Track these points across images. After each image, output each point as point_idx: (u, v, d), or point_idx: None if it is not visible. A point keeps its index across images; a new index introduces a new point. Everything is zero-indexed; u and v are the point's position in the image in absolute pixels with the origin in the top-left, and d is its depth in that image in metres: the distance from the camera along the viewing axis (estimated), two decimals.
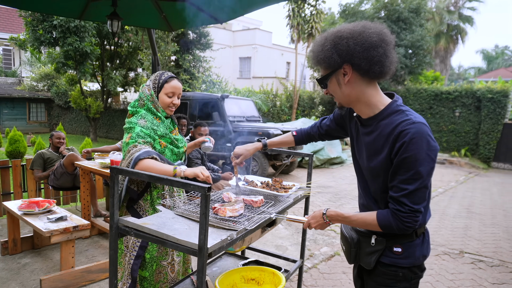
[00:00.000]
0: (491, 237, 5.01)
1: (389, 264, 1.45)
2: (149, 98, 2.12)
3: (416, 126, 1.28)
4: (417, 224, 1.33)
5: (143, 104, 2.13)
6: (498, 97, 12.57)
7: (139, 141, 1.97)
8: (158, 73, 2.18)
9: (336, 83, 1.41)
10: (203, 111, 8.49)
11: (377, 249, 1.47)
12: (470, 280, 3.62)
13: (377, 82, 1.42)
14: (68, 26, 11.10)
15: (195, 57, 13.71)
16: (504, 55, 36.07)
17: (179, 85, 2.17)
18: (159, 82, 2.13)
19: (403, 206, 1.30)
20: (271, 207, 1.89)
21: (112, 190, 1.50)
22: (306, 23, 15.37)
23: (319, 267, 3.75)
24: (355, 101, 1.42)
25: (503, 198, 7.73)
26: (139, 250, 2.09)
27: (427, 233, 1.50)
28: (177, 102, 2.17)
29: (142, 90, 2.16)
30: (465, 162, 12.58)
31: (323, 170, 9.93)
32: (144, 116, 2.09)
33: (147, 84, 2.17)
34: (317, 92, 17.24)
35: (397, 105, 1.38)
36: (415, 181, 1.29)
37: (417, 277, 1.46)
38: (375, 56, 1.30)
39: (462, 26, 24.80)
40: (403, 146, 1.28)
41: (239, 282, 2.00)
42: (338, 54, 1.33)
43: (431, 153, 1.28)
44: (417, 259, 1.43)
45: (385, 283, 1.46)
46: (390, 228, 1.35)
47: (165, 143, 2.11)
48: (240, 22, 30.62)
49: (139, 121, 2.05)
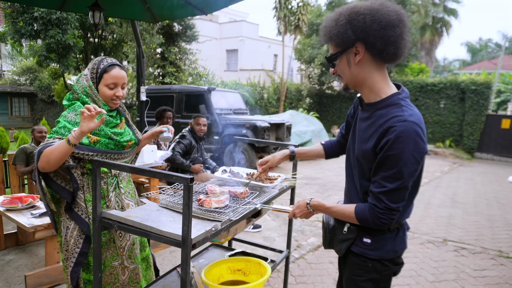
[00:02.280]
0: (474, 225, 5.14)
1: (358, 254, 1.46)
2: (87, 90, 1.84)
3: (405, 125, 1.23)
4: (393, 222, 1.33)
5: (78, 98, 1.85)
6: (482, 89, 12.81)
7: (55, 137, 1.73)
8: (96, 61, 1.86)
9: (346, 63, 1.35)
10: (189, 104, 8.42)
11: (349, 238, 1.48)
12: (453, 267, 3.70)
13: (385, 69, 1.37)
14: (49, 18, 10.81)
15: (181, 50, 13.55)
16: (488, 48, 36.66)
17: (122, 73, 1.85)
18: (97, 71, 1.83)
19: (380, 203, 1.30)
20: (256, 198, 1.89)
21: (94, 182, 1.48)
22: (293, 15, 15.34)
23: (306, 257, 3.78)
24: (360, 84, 1.37)
25: (486, 188, 7.92)
26: (78, 257, 1.86)
27: (402, 230, 1.47)
28: (121, 94, 1.87)
29: (79, 81, 1.87)
30: (450, 153, 12.82)
31: (311, 162, 9.99)
32: (76, 109, 1.81)
33: (84, 73, 1.87)
34: (305, 85, 17.29)
35: (398, 98, 1.32)
36: (396, 180, 1.26)
37: (388, 269, 1.44)
38: (391, 36, 1.24)
39: (447, 18, 25.05)
40: (388, 143, 1.25)
41: (226, 273, 2.01)
42: (352, 30, 1.26)
43: (417, 154, 1.24)
44: (387, 252, 1.42)
45: (356, 273, 1.48)
46: (366, 221, 1.35)
47: (98, 137, 1.81)
48: (227, 14, 30.35)
49: (68, 114, 1.80)
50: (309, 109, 16.05)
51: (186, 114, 8.37)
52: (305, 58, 17.08)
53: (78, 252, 1.86)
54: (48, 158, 1.66)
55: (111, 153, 1.86)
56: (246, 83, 16.38)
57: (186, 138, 4.49)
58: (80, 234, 1.87)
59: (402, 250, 1.46)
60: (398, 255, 1.46)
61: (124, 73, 1.87)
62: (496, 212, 5.88)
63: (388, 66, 1.38)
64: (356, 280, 1.48)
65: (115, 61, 1.88)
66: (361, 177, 1.43)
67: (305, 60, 17.16)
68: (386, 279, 1.46)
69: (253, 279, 1.95)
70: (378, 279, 1.44)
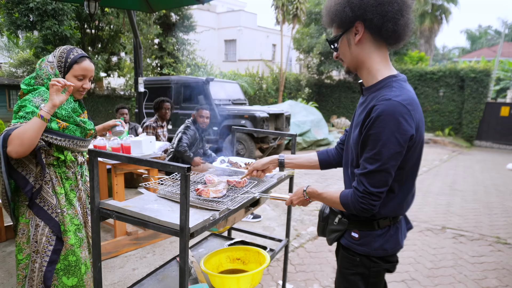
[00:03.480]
0: (472, 213, 5.17)
1: (347, 248, 1.43)
2: (51, 78, 1.79)
3: (389, 103, 1.19)
4: (375, 209, 1.27)
5: (42, 83, 1.81)
6: (481, 77, 12.76)
7: (22, 122, 1.67)
8: (64, 50, 1.83)
9: (346, 44, 1.34)
10: (188, 95, 8.38)
11: (339, 229, 1.46)
12: (451, 254, 3.73)
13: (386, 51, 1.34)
14: (45, 9, 10.70)
15: (179, 40, 13.46)
16: (487, 35, 36.43)
17: (92, 66, 1.86)
18: (67, 61, 1.80)
19: (360, 185, 1.26)
20: (255, 187, 1.89)
21: (91, 173, 1.48)
22: (291, 4, 15.18)
23: (305, 246, 3.81)
24: (360, 65, 1.35)
25: (484, 175, 7.95)
26: (52, 255, 1.78)
27: (395, 228, 1.39)
28: (88, 86, 1.88)
29: (42, 67, 1.82)
30: (449, 141, 12.83)
31: (310, 152, 9.99)
32: (42, 94, 1.77)
33: (49, 60, 1.82)
34: (303, 74, 17.21)
35: (392, 80, 1.28)
36: (375, 161, 1.22)
37: (378, 266, 1.39)
38: (389, 11, 1.23)
39: (446, 5, 24.83)
40: (371, 122, 1.21)
41: (225, 262, 2.02)
42: (350, 8, 1.26)
43: (399, 136, 1.18)
44: (374, 250, 1.37)
45: (345, 266, 1.45)
46: (347, 206, 1.32)
47: (67, 124, 1.80)
48: (224, 4, 30.05)
49: (34, 99, 1.74)
50: (308, 99, 16.00)
51: (184, 105, 8.34)
52: (303, 48, 16.97)
53: (51, 250, 1.78)
54: (21, 140, 1.61)
55: (78, 139, 1.86)
56: (244, 74, 16.28)
57: (190, 129, 4.50)
58: (52, 230, 1.81)
59: (393, 249, 1.39)
60: (389, 254, 1.39)
61: (93, 66, 1.88)
62: (495, 199, 5.91)
63: (390, 48, 1.35)
64: (345, 273, 1.46)
65: (85, 53, 1.88)
66: (352, 164, 1.40)
67: (304, 50, 17.05)
68: (376, 275, 1.40)
69: (252, 268, 1.97)
70: (367, 274, 1.40)
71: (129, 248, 3.45)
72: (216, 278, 1.76)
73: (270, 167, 1.82)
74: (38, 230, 1.79)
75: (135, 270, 3.10)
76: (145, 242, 3.58)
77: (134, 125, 5.51)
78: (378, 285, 1.44)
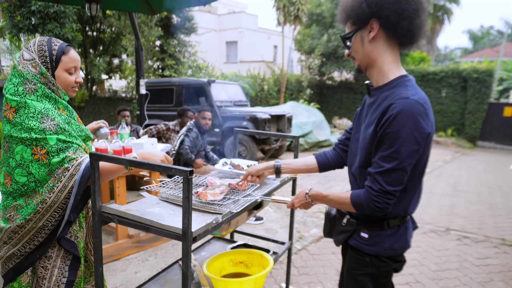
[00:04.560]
0: (476, 214, 5.13)
1: (356, 248, 1.43)
2: (40, 79, 1.45)
3: (406, 102, 1.20)
4: (389, 207, 1.27)
5: (35, 89, 1.43)
6: (484, 77, 12.70)
7: (69, 157, 1.43)
8: (42, 42, 1.50)
9: (360, 41, 1.34)
10: (189, 97, 8.38)
11: (347, 230, 1.46)
12: (455, 256, 3.70)
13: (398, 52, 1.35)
14: (47, 12, 10.73)
15: (180, 42, 13.46)
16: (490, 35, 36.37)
17: (78, 56, 1.57)
18: (52, 54, 1.48)
19: (375, 184, 1.26)
20: (257, 190, 1.87)
21: (93, 177, 1.46)
22: (292, 5, 15.17)
23: (308, 248, 3.78)
24: (372, 63, 1.35)
25: (488, 176, 7.90)
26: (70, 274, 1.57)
27: (404, 227, 1.40)
28: (81, 80, 1.60)
29: (23, 69, 1.44)
30: (452, 142, 12.78)
31: (312, 153, 9.96)
32: (44, 111, 1.42)
33: (26, 58, 1.46)
34: (305, 76, 17.18)
35: (405, 80, 1.30)
36: (393, 160, 1.22)
37: (387, 265, 1.39)
38: (405, 10, 1.23)
39: (448, 6, 24.76)
40: (388, 120, 1.21)
41: (228, 266, 2.00)
42: (367, 4, 1.26)
43: (417, 134, 1.20)
44: (384, 250, 1.37)
45: (353, 266, 1.45)
46: (360, 206, 1.31)
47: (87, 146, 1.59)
48: (226, 6, 30.10)
49: (43, 122, 1.39)
50: (309, 100, 15.97)
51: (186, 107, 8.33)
52: (305, 49, 16.94)
53: (65, 282, 1.56)
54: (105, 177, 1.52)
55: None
56: (246, 75, 16.28)
57: (193, 131, 4.48)
58: (64, 260, 1.58)
59: (402, 249, 1.40)
60: (398, 254, 1.41)
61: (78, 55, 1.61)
62: (499, 200, 5.87)
63: (401, 49, 1.36)
64: (354, 274, 1.45)
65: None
66: (360, 164, 1.39)
67: (305, 51, 17.02)
68: (385, 275, 1.41)
69: (255, 271, 1.95)
70: (377, 275, 1.40)
71: (131, 251, 3.43)
72: (219, 282, 1.74)
73: (265, 173, 1.78)
74: (50, 262, 1.56)
75: (137, 273, 3.08)
76: (147, 245, 3.56)
77: (136, 127, 5.50)
78: (387, 285, 1.44)
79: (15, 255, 1.52)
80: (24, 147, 1.39)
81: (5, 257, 1.53)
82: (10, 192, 1.48)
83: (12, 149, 1.42)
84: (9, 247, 1.52)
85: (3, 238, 1.52)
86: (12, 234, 1.49)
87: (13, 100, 1.41)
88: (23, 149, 1.39)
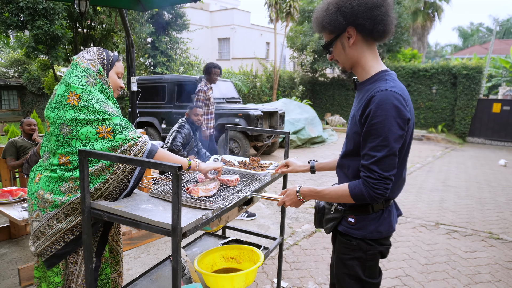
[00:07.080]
0: (465, 208, 5.21)
1: (344, 233, 1.51)
2: (97, 76, 1.71)
3: (385, 93, 1.30)
4: (387, 192, 1.33)
5: (94, 83, 1.69)
6: (473, 74, 12.85)
7: (132, 135, 1.64)
8: (100, 49, 1.82)
9: (340, 47, 1.44)
10: (181, 94, 8.35)
11: (335, 217, 1.54)
12: (445, 249, 3.76)
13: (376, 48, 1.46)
14: (36, 8, 10.57)
15: (172, 39, 13.39)
16: (479, 32, 36.72)
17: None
18: (109, 58, 1.79)
19: (373, 173, 1.32)
20: (248, 185, 1.88)
21: (82, 174, 1.46)
22: (284, 2, 15.15)
23: (300, 244, 3.81)
24: (356, 64, 1.46)
25: (477, 171, 8.01)
26: (97, 261, 1.74)
27: (387, 211, 1.49)
28: (123, 85, 1.89)
29: (85, 65, 1.70)
30: (442, 138, 12.92)
31: (304, 149, 10.01)
32: (104, 100, 1.68)
33: (87, 58, 1.73)
34: (297, 72, 17.20)
35: (384, 74, 1.40)
36: (383, 147, 1.30)
37: (374, 248, 1.47)
38: (378, 15, 1.34)
39: (438, 3, 24.95)
40: (371, 112, 1.30)
41: (219, 261, 2.01)
42: (342, 16, 1.36)
43: (400, 120, 1.29)
44: (370, 233, 1.45)
45: (342, 251, 1.52)
46: (361, 197, 1.35)
47: None
48: (217, 2, 29.96)
49: (105, 107, 1.65)
50: (302, 97, 16.01)
51: (178, 104, 8.30)
52: (297, 46, 16.95)
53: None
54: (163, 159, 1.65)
55: None
56: (238, 72, 16.24)
57: (185, 128, 4.47)
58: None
59: (387, 231, 1.48)
60: (383, 236, 1.48)
61: None
62: (487, 195, 5.97)
63: (377, 43, 1.46)
64: (343, 259, 1.52)
65: None
66: (348, 155, 1.48)
67: (298, 48, 17.03)
68: (372, 258, 1.48)
69: (246, 267, 1.96)
70: (364, 258, 1.47)
71: (123, 248, 3.42)
72: (210, 278, 1.75)
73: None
74: (76, 268, 1.74)
75: (129, 270, 3.08)
76: (139, 242, 3.56)
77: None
78: (374, 269, 1.50)
79: (66, 235, 1.67)
80: (89, 128, 1.59)
81: (66, 229, 1.66)
82: (70, 169, 1.63)
83: (75, 131, 1.59)
84: (71, 218, 1.66)
85: (65, 210, 1.65)
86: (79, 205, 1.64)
87: (79, 88, 1.62)
88: (88, 129, 1.59)
